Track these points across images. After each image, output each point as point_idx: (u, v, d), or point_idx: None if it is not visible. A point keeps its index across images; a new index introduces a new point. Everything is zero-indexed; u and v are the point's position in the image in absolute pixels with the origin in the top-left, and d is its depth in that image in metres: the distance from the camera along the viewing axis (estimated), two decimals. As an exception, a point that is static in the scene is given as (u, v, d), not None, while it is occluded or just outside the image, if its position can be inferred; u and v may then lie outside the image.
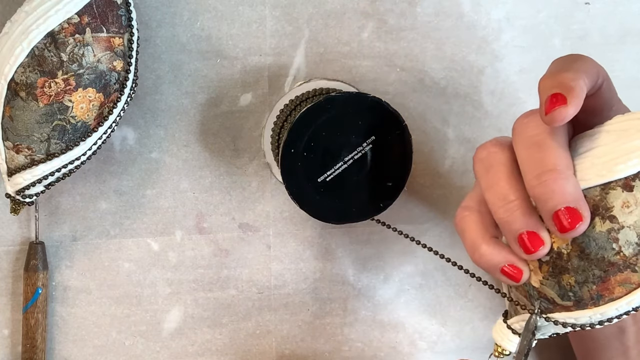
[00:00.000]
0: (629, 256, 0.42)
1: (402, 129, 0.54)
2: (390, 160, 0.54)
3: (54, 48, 0.50)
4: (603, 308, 0.44)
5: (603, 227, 0.42)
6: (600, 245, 0.43)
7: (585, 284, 0.43)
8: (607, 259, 0.43)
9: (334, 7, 0.59)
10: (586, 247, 0.43)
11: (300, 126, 0.53)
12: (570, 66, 0.43)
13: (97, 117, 0.52)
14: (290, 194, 0.54)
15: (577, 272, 0.44)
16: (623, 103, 0.48)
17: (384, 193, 0.54)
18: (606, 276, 0.43)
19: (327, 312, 0.63)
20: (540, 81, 0.43)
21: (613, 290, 0.43)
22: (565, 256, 0.44)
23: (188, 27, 0.58)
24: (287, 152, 0.53)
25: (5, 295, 0.59)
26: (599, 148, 0.43)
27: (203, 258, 0.61)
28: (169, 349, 0.61)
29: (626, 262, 0.42)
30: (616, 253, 0.42)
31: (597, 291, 0.43)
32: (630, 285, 0.43)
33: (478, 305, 0.63)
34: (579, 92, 0.41)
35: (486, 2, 0.60)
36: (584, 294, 0.44)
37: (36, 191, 0.53)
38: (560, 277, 0.44)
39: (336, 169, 0.54)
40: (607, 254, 0.43)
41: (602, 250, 0.43)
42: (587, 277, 0.43)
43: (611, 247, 0.42)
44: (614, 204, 0.42)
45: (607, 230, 0.42)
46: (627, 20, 0.62)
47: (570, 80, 0.41)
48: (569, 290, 0.44)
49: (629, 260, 0.42)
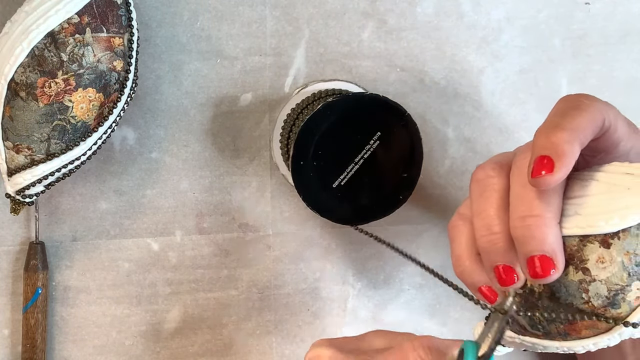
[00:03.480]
0: (597, 307, 0.43)
1: (406, 118, 0.54)
2: (401, 151, 0.54)
3: (54, 48, 0.50)
4: (570, 343, 0.44)
5: (575, 277, 0.43)
6: (571, 292, 0.43)
7: (554, 322, 0.44)
8: (576, 306, 0.43)
9: (334, 7, 0.59)
10: (557, 291, 0.43)
11: (305, 137, 0.53)
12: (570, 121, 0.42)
13: (97, 117, 0.52)
14: (308, 206, 0.54)
15: (546, 310, 0.44)
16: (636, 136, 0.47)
17: (401, 185, 0.55)
18: (573, 320, 0.43)
19: (327, 312, 0.63)
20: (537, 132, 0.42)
21: (580, 331, 0.44)
22: (537, 294, 0.44)
23: (188, 27, 0.58)
24: (297, 165, 0.53)
25: (5, 295, 0.59)
26: (586, 198, 0.43)
27: (203, 258, 0.61)
28: (169, 349, 0.61)
29: (594, 312, 0.43)
30: (585, 302, 0.43)
31: (564, 330, 0.44)
32: (597, 330, 0.43)
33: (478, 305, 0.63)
34: (568, 159, 0.41)
35: (486, 2, 0.60)
36: (552, 329, 0.45)
37: (36, 191, 0.53)
38: (532, 310, 0.45)
39: (348, 171, 0.54)
40: (576, 301, 0.43)
41: (571, 297, 0.43)
42: (555, 317, 0.44)
43: (580, 296, 0.43)
44: (590, 257, 0.43)
45: (578, 280, 0.43)
46: (627, 20, 0.62)
47: (564, 143, 0.41)
48: (538, 323, 0.45)
49: (597, 310, 0.43)
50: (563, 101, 0.44)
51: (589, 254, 0.43)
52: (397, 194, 0.55)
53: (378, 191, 0.55)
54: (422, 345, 0.42)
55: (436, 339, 0.43)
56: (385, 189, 0.55)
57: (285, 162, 0.58)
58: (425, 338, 0.43)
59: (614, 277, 0.42)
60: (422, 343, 0.42)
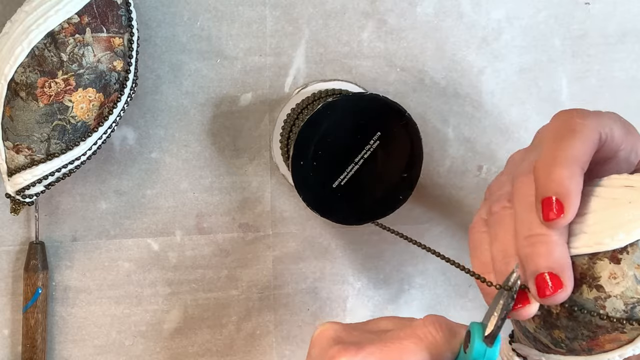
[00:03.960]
0: (616, 320, 0.42)
1: (406, 118, 0.54)
2: (401, 151, 0.54)
3: (54, 48, 0.50)
4: (595, 358, 0.44)
5: (590, 295, 0.43)
6: (588, 310, 0.43)
7: (575, 340, 0.44)
8: (595, 323, 0.43)
9: (334, 7, 0.59)
10: (574, 310, 0.43)
11: (305, 137, 0.53)
12: (566, 149, 0.42)
13: (97, 117, 0.52)
14: (308, 206, 0.54)
15: (566, 330, 0.44)
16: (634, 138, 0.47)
17: (401, 185, 0.55)
18: (595, 336, 0.44)
19: (327, 312, 0.63)
20: (537, 166, 0.42)
21: (603, 345, 0.44)
22: (555, 315, 0.44)
23: (188, 27, 0.58)
24: (297, 165, 0.53)
25: (5, 295, 0.59)
26: (589, 215, 0.43)
27: (203, 258, 0.61)
28: (169, 349, 0.61)
29: (614, 325, 0.43)
30: (603, 318, 0.43)
31: (587, 346, 0.44)
32: (620, 342, 0.43)
33: (478, 306, 0.63)
34: (574, 196, 0.41)
35: (486, 2, 0.60)
36: (575, 346, 0.45)
37: (36, 191, 0.53)
38: (552, 330, 0.45)
39: (348, 171, 0.54)
40: (594, 319, 0.43)
41: (589, 315, 0.43)
42: (576, 335, 0.44)
43: (598, 312, 0.43)
44: (601, 274, 0.43)
45: (594, 297, 0.43)
46: (627, 20, 0.62)
47: (566, 180, 0.41)
48: (561, 342, 0.45)
49: (615, 324, 0.43)
50: (557, 120, 0.44)
51: (601, 271, 0.43)
52: (397, 194, 0.55)
53: (378, 191, 0.55)
54: (432, 321, 0.42)
55: (447, 319, 0.42)
56: (385, 189, 0.55)
57: (285, 162, 0.58)
58: (436, 315, 0.42)
59: (628, 290, 0.42)
60: (432, 320, 0.42)
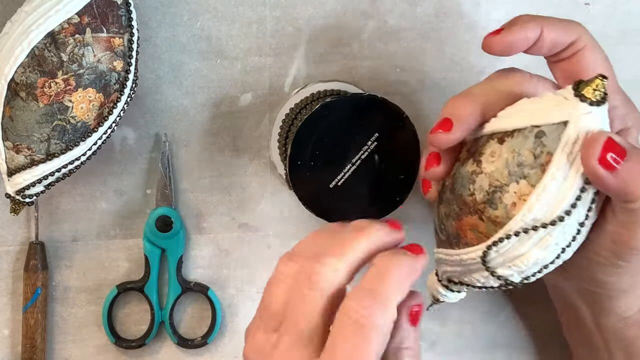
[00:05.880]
0: (478, 201, 0.45)
1: (404, 120, 0.54)
2: (398, 153, 0.54)
3: (54, 48, 0.50)
4: (461, 252, 0.46)
5: (470, 168, 0.46)
6: (463, 183, 0.46)
7: (449, 217, 0.47)
8: (463, 198, 0.46)
9: (334, 7, 0.59)
10: (455, 182, 0.47)
11: (302, 137, 0.53)
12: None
13: (97, 117, 0.52)
14: (304, 205, 0.54)
15: (446, 205, 0.47)
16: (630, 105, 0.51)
17: (397, 187, 0.55)
18: (460, 214, 0.46)
19: (327, 312, 0.63)
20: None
21: (466, 233, 0.46)
22: (445, 188, 0.48)
23: (188, 27, 0.58)
24: (294, 165, 0.53)
25: (5, 295, 0.59)
26: (509, 108, 0.47)
27: (203, 258, 0.61)
28: (169, 348, 0.61)
29: (475, 207, 0.45)
30: (470, 194, 0.45)
31: (455, 229, 0.46)
32: (479, 234, 0.45)
33: (478, 305, 0.63)
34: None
35: (486, 3, 0.60)
36: (449, 227, 0.47)
37: (36, 191, 0.53)
38: (439, 207, 0.48)
39: (345, 172, 0.54)
40: (464, 192, 0.46)
41: (462, 188, 0.46)
42: (450, 212, 0.47)
43: (468, 187, 0.46)
44: (486, 151, 0.45)
45: (471, 171, 0.46)
46: (627, 21, 0.62)
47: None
48: (442, 222, 0.48)
49: (477, 206, 0.45)
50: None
51: (487, 149, 0.45)
52: (394, 196, 0.55)
53: (375, 192, 0.55)
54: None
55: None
56: (382, 190, 0.55)
57: (282, 161, 0.58)
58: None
59: (496, 172, 0.44)
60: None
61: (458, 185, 0.47)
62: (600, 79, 0.43)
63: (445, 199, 0.48)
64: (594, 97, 0.43)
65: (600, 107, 0.43)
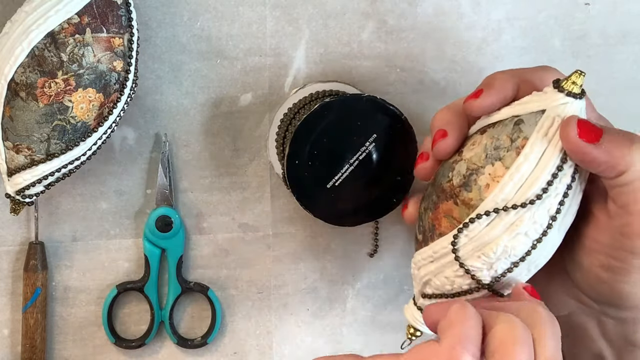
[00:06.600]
0: (455, 185, 0.46)
1: (402, 122, 0.54)
2: (396, 155, 0.54)
3: (54, 48, 0.50)
4: (434, 243, 0.46)
5: (452, 158, 0.48)
6: (444, 173, 0.47)
7: (427, 210, 0.48)
8: (442, 186, 0.47)
9: (334, 7, 0.59)
10: (437, 174, 0.48)
11: (300, 137, 0.53)
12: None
13: (97, 117, 0.52)
14: (301, 204, 0.54)
15: (426, 200, 0.49)
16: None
17: (394, 188, 0.55)
18: (437, 202, 0.47)
19: (327, 312, 0.63)
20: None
21: (440, 222, 0.46)
22: (428, 187, 0.49)
23: (188, 27, 0.58)
24: (292, 164, 0.53)
25: (5, 295, 0.59)
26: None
27: (203, 258, 0.61)
28: (169, 348, 0.61)
29: (452, 191, 0.46)
30: (448, 181, 0.46)
31: (431, 220, 0.47)
32: (452, 220, 0.46)
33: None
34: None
35: (486, 3, 0.60)
36: (425, 222, 0.48)
37: (36, 191, 0.53)
38: (421, 206, 0.49)
39: (343, 172, 0.54)
40: (443, 180, 0.47)
41: (442, 178, 0.47)
42: (429, 204, 0.48)
43: (448, 174, 0.47)
44: (468, 142, 0.47)
45: (453, 160, 0.47)
46: (627, 21, 0.62)
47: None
48: (421, 218, 0.49)
49: (454, 190, 0.46)
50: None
51: (469, 141, 0.47)
52: (390, 197, 0.55)
53: (372, 193, 0.55)
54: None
55: None
56: (379, 191, 0.55)
57: (280, 161, 0.58)
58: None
59: (475, 156, 0.46)
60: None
61: (439, 177, 0.48)
62: (578, 72, 0.44)
63: (427, 195, 0.49)
64: (570, 88, 0.44)
65: (577, 100, 0.44)
